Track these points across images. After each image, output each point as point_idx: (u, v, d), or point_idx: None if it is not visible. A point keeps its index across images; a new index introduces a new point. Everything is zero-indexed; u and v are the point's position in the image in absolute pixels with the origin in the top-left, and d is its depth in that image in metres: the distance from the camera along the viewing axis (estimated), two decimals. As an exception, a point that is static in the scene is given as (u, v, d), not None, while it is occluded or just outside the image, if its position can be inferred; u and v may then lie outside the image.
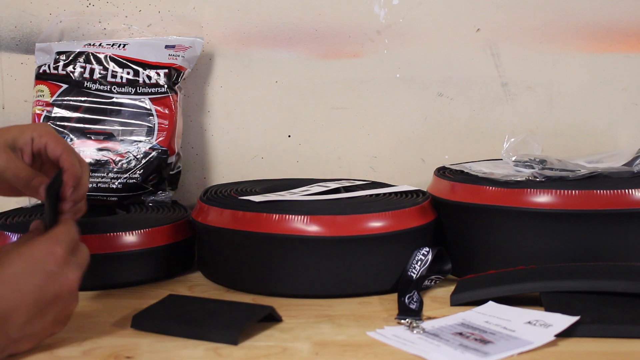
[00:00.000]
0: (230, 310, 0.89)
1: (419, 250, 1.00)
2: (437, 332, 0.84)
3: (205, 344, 0.82)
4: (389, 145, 1.28)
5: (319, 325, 0.88)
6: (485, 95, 1.26)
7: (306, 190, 1.08)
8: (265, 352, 0.81)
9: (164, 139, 1.18)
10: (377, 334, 0.85)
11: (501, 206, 1.00)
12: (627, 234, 0.99)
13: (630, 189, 0.98)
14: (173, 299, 0.93)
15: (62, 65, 1.20)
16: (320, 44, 1.26)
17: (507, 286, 0.93)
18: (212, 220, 1.02)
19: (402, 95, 1.27)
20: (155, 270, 1.05)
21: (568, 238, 0.99)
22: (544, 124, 1.26)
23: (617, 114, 1.26)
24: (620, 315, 0.85)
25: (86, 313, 0.93)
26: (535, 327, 0.84)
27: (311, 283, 0.97)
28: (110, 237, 1.03)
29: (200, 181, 1.28)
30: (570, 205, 0.98)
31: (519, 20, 1.25)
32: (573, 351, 0.80)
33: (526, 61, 1.25)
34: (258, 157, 1.28)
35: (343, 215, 0.97)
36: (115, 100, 1.19)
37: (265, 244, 0.98)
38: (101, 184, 1.16)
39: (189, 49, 1.22)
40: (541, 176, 1.02)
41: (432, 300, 0.97)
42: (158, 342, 0.83)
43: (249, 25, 1.26)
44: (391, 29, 1.25)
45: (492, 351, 0.79)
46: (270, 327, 0.87)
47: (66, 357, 0.80)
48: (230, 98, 1.27)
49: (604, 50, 1.25)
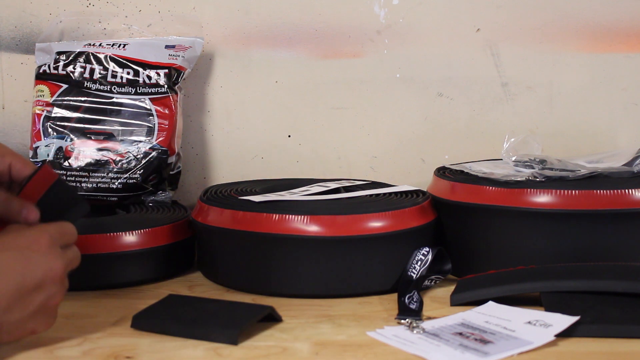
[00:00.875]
0: (230, 310, 0.89)
1: (419, 250, 1.00)
2: (437, 332, 0.84)
3: (205, 344, 0.82)
4: (389, 145, 1.27)
5: (319, 325, 0.88)
6: (485, 95, 1.26)
7: (306, 190, 1.08)
8: (265, 352, 0.81)
9: (164, 139, 1.18)
10: (377, 334, 0.85)
11: (501, 206, 1.00)
12: (627, 234, 0.99)
13: (630, 189, 0.98)
14: (173, 299, 0.93)
15: (62, 65, 1.20)
16: (320, 44, 1.26)
17: (507, 286, 0.93)
18: (212, 220, 1.02)
19: (402, 95, 1.27)
20: (155, 270, 1.05)
21: (568, 238, 0.99)
22: (544, 124, 1.26)
23: (617, 114, 1.26)
24: (620, 315, 0.85)
25: (86, 313, 0.93)
26: (535, 327, 0.84)
27: (311, 283, 0.97)
28: (110, 237, 1.02)
29: (200, 181, 1.28)
30: (570, 205, 0.98)
31: (519, 20, 1.25)
32: (573, 351, 0.80)
33: (526, 61, 1.25)
34: (258, 157, 1.28)
35: (343, 215, 0.97)
36: (115, 100, 1.19)
37: (265, 244, 0.98)
38: (101, 184, 1.16)
39: (189, 49, 1.22)
40: (541, 176, 1.02)
41: (432, 300, 0.97)
42: (158, 342, 0.83)
43: (249, 25, 1.26)
44: (391, 29, 1.25)
45: (492, 351, 0.79)
46: (270, 327, 0.87)
47: (66, 356, 0.80)
48: (230, 98, 1.27)
49: (604, 50, 1.25)
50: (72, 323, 0.89)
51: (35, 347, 0.81)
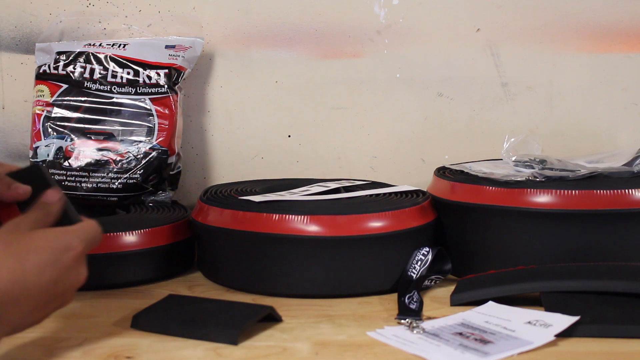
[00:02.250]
0: (230, 310, 0.89)
1: (419, 250, 1.00)
2: (437, 332, 0.84)
3: (205, 344, 0.82)
4: (389, 145, 1.28)
5: (319, 325, 0.88)
6: (485, 95, 1.26)
7: (306, 190, 1.08)
8: (265, 352, 0.81)
9: (164, 139, 1.18)
10: (377, 334, 0.85)
11: (501, 206, 1.00)
12: (627, 233, 0.98)
13: (630, 189, 0.98)
14: (173, 299, 0.93)
15: (62, 65, 1.20)
16: (320, 44, 1.26)
17: (507, 286, 0.93)
18: (212, 220, 1.02)
19: (402, 95, 1.27)
20: (155, 270, 1.05)
21: (568, 238, 0.99)
22: (544, 124, 1.26)
23: (617, 114, 1.26)
24: (620, 315, 0.85)
25: (86, 313, 0.93)
26: (535, 327, 0.84)
27: (311, 283, 0.97)
28: (111, 237, 1.02)
29: (201, 181, 1.28)
30: (570, 205, 0.98)
31: (519, 20, 1.25)
32: (573, 351, 0.80)
33: (526, 61, 1.25)
34: (258, 157, 1.28)
35: (343, 215, 0.97)
36: (115, 100, 1.19)
37: (265, 244, 0.98)
38: (101, 184, 1.16)
39: (189, 49, 1.22)
40: (541, 176, 1.02)
41: (432, 300, 0.97)
42: (158, 342, 0.83)
43: (249, 25, 1.26)
44: (391, 29, 1.25)
45: (492, 351, 0.79)
46: (270, 327, 0.87)
47: (66, 356, 0.80)
48: (230, 98, 1.27)
49: (604, 50, 1.25)
50: (72, 323, 0.89)
51: (35, 347, 0.82)
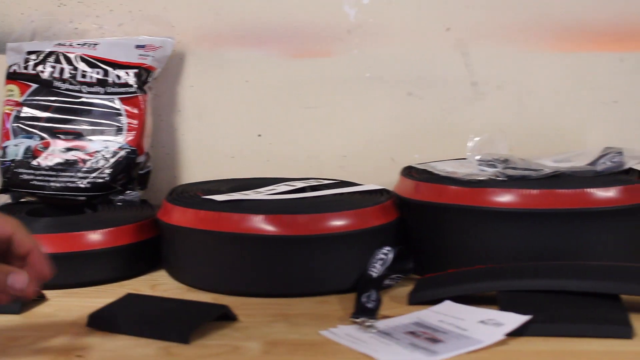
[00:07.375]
0: (186, 309, 0.89)
1: (380, 250, 1.00)
2: (390, 331, 0.84)
3: (158, 343, 0.82)
4: (359, 144, 1.27)
5: (273, 325, 0.88)
6: (455, 94, 1.26)
7: (272, 190, 1.09)
8: (216, 351, 0.81)
9: (133, 139, 1.18)
10: (330, 333, 0.85)
11: (462, 205, 1.00)
12: (587, 233, 0.98)
13: (591, 188, 0.98)
14: (130, 298, 0.93)
15: (32, 65, 1.20)
16: (291, 43, 1.26)
17: (464, 285, 0.93)
18: (175, 220, 1.02)
19: (372, 94, 1.26)
20: (121, 269, 1.06)
21: (529, 237, 0.98)
22: (514, 123, 1.26)
23: (587, 113, 1.26)
24: (571, 314, 0.85)
25: (45, 312, 0.93)
26: (487, 326, 0.84)
27: (270, 282, 0.98)
28: (75, 236, 1.03)
29: (171, 180, 1.28)
30: (530, 204, 0.98)
31: (488, 19, 1.25)
32: (521, 350, 0.80)
33: (496, 60, 1.25)
34: (229, 157, 1.28)
35: (303, 214, 0.97)
36: (84, 100, 1.19)
37: (225, 243, 0.98)
38: (69, 183, 1.16)
39: (160, 48, 1.22)
40: (503, 175, 1.02)
41: (392, 299, 0.97)
42: (110, 341, 0.83)
43: (220, 25, 1.26)
44: (361, 29, 1.25)
45: (441, 350, 0.79)
46: (225, 326, 0.87)
47: (15, 355, 0.80)
48: (201, 97, 1.27)
49: (574, 50, 1.25)
50: (28, 322, 0.89)
51: (-14, 346, 0.82)
